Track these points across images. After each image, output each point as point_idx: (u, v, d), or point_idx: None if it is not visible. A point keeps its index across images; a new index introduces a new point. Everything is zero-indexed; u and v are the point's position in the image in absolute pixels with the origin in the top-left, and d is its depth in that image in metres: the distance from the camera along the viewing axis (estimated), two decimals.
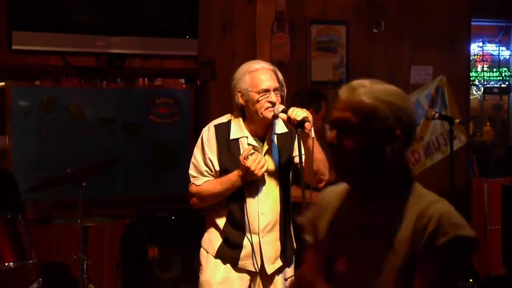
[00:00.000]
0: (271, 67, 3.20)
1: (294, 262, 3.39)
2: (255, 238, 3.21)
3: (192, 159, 3.29)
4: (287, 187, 3.30)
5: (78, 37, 4.89)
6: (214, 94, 5.32)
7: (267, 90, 3.11)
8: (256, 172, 3.07)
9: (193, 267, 4.44)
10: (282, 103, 3.17)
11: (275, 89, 3.12)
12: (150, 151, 5.26)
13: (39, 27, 4.77)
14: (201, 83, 5.35)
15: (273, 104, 3.11)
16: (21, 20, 4.72)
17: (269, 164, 3.18)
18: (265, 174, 3.19)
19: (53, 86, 5.01)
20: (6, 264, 3.77)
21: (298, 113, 2.97)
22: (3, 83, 4.84)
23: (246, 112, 3.22)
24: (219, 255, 3.27)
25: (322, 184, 3.33)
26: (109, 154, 4.93)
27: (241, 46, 5.37)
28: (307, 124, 2.96)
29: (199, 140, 3.28)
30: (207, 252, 3.32)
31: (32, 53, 4.84)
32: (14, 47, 4.73)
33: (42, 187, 4.10)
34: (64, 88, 5.05)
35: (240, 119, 3.25)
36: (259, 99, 3.11)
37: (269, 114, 3.13)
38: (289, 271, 3.32)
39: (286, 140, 3.26)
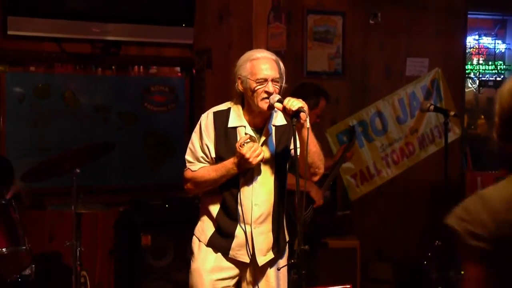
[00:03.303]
0: (273, 57, 3.17)
1: (287, 253, 3.40)
2: (247, 229, 3.22)
3: (189, 145, 3.29)
4: (283, 179, 3.30)
5: (73, 24, 4.85)
6: (209, 83, 5.32)
7: (265, 80, 3.10)
8: (251, 160, 3.06)
9: (186, 256, 4.45)
10: (280, 94, 3.16)
11: (273, 79, 3.10)
12: (145, 139, 5.25)
13: (34, 13, 4.74)
14: (196, 72, 5.33)
15: (269, 94, 3.09)
16: (17, 6, 4.69)
17: (266, 155, 3.17)
18: (261, 165, 3.19)
19: (48, 72, 4.98)
20: None
21: (293, 103, 2.96)
22: None
23: (245, 101, 3.22)
24: (211, 243, 3.28)
25: (316, 178, 3.33)
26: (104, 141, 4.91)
27: (237, 35, 5.37)
28: (302, 115, 2.93)
29: (197, 126, 3.28)
30: (199, 241, 3.32)
31: (27, 38, 4.80)
32: (9, 32, 4.69)
33: (36, 171, 4.08)
34: (59, 74, 5.02)
35: (240, 107, 3.24)
36: (256, 88, 3.10)
37: (264, 105, 3.12)
38: (282, 262, 3.32)
39: (284, 133, 3.24)
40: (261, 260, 3.26)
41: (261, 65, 3.11)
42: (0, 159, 4.59)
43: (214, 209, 3.27)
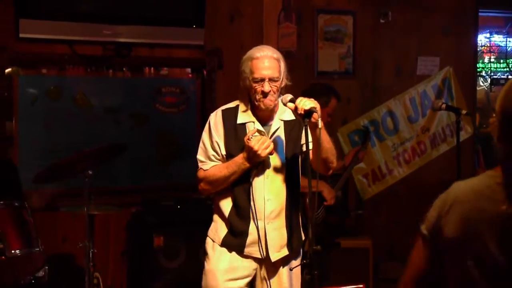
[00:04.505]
0: (275, 55, 3.19)
1: (301, 255, 3.38)
2: (260, 224, 3.22)
3: (200, 144, 3.32)
4: (294, 174, 3.31)
5: (85, 26, 4.88)
6: (220, 84, 5.32)
7: (261, 79, 3.13)
8: (259, 152, 3.08)
9: (198, 256, 4.46)
10: (282, 92, 3.19)
11: (271, 79, 3.13)
12: (157, 140, 5.27)
13: (46, 16, 4.77)
14: (207, 73, 5.34)
15: (265, 94, 3.13)
16: (29, 8, 4.72)
17: (276, 150, 3.19)
18: (271, 160, 3.21)
19: (60, 74, 5.01)
20: (13, 251, 3.78)
21: (305, 103, 2.97)
22: (9, 69, 4.84)
23: (250, 96, 3.24)
24: (225, 243, 3.28)
25: (330, 172, 3.35)
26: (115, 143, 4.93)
27: (248, 36, 5.37)
28: (314, 114, 2.95)
29: (207, 125, 3.31)
30: (213, 241, 3.33)
31: (39, 41, 4.83)
32: (21, 35, 4.72)
33: (49, 173, 4.10)
34: (71, 76, 5.04)
35: (248, 103, 3.26)
36: (254, 86, 3.14)
37: (261, 105, 3.16)
38: (295, 263, 3.31)
39: (294, 127, 3.27)
40: (274, 256, 3.26)
41: (260, 64, 3.14)
42: (5, 163, 4.61)
43: (226, 208, 3.28)
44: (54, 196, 4.82)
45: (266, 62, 3.14)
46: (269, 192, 3.23)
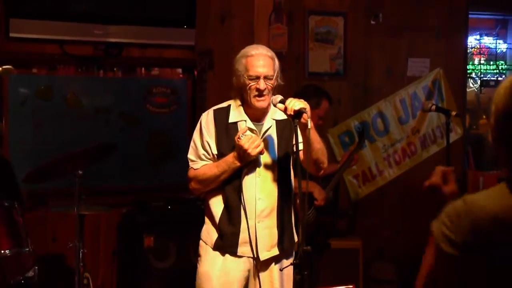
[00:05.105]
0: (269, 53, 3.22)
1: (293, 255, 3.36)
2: (251, 223, 3.22)
3: (191, 143, 3.32)
4: (286, 174, 3.32)
5: (75, 26, 4.87)
6: (211, 84, 5.32)
7: (257, 77, 3.14)
8: (249, 151, 3.08)
9: (189, 257, 4.47)
10: (274, 91, 3.20)
11: (266, 77, 3.15)
12: (147, 141, 5.26)
13: (36, 15, 4.75)
14: (198, 73, 5.34)
15: (260, 92, 3.14)
16: (19, 8, 4.71)
17: (267, 149, 3.21)
18: (263, 159, 3.22)
19: (50, 74, 5.00)
20: (2, 251, 3.77)
21: (295, 103, 2.99)
22: (0, 69, 4.83)
23: (243, 95, 3.25)
24: (217, 246, 3.28)
25: (321, 172, 3.36)
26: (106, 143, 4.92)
27: (239, 36, 5.38)
28: (304, 115, 2.96)
29: (198, 124, 3.31)
30: (206, 244, 3.33)
31: (30, 41, 4.81)
32: (11, 34, 4.71)
33: (39, 173, 4.08)
34: (61, 76, 5.03)
35: (239, 102, 3.27)
36: (249, 84, 3.15)
37: (256, 103, 3.17)
38: (286, 263, 3.31)
39: (285, 127, 3.28)
40: (264, 256, 3.26)
41: (255, 62, 3.16)
42: (1, 160, 4.59)
43: (218, 209, 3.28)
44: (44, 196, 4.81)
45: (261, 60, 3.17)
46: (260, 191, 3.23)
